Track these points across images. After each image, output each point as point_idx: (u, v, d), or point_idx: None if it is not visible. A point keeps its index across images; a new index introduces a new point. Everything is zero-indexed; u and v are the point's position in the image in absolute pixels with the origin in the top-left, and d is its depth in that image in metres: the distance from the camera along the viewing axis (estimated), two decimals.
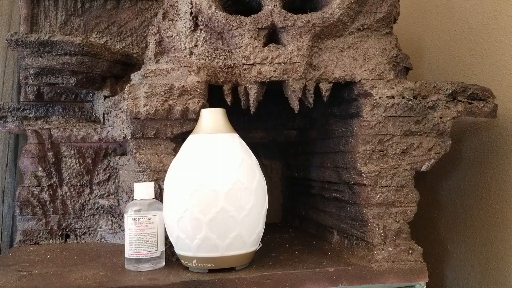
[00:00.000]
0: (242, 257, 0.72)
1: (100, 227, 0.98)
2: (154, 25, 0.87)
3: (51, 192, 0.97)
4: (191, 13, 0.81)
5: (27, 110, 0.99)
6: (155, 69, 0.77)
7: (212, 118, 0.74)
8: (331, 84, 0.80)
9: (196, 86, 0.76)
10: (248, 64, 0.78)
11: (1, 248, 1.07)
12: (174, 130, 0.78)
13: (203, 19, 0.80)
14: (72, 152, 0.97)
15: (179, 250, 0.73)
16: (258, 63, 0.77)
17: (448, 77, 1.04)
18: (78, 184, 0.98)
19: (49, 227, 0.96)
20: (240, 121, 0.98)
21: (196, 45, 0.82)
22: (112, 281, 0.68)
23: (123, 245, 0.76)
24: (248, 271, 0.72)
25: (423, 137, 0.80)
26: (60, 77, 0.92)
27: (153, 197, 0.76)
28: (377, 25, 0.82)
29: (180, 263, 0.74)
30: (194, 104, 0.76)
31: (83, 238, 0.98)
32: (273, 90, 0.82)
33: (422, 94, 0.79)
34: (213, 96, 0.79)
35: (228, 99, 0.80)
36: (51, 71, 0.91)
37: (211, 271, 0.71)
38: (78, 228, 0.98)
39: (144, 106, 0.75)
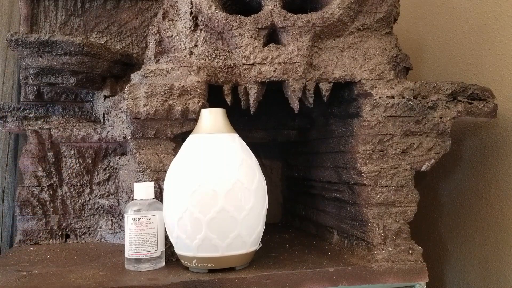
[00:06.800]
0: (242, 257, 0.72)
1: (100, 227, 0.98)
2: (154, 25, 0.87)
3: (51, 192, 0.97)
4: (191, 13, 0.81)
5: (27, 110, 0.99)
6: (155, 69, 0.77)
7: (212, 118, 0.74)
8: (331, 84, 0.80)
9: (196, 86, 0.76)
10: (248, 64, 0.78)
11: (1, 248, 1.07)
12: (174, 130, 0.78)
13: (203, 19, 0.80)
14: (72, 152, 0.97)
15: (179, 250, 0.73)
16: (258, 63, 0.77)
17: (448, 77, 1.04)
18: (78, 184, 0.98)
19: (49, 227, 0.96)
20: (240, 121, 0.98)
21: (196, 45, 0.82)
22: (112, 281, 0.68)
23: (123, 245, 0.76)
24: (248, 271, 0.72)
25: (423, 137, 0.80)
26: (60, 77, 0.92)
27: (153, 197, 0.76)
28: (377, 25, 0.82)
29: (180, 263, 0.74)
30: (194, 104, 0.76)
31: (83, 238, 0.98)
32: (273, 90, 0.82)
33: (422, 94, 0.79)
34: (213, 96, 0.79)
35: (228, 99, 0.80)
36: (51, 71, 0.91)
37: (211, 271, 0.71)
38: (78, 228, 0.98)
39: (144, 106, 0.75)
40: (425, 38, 1.13)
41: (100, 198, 0.98)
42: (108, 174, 0.99)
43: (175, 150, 0.78)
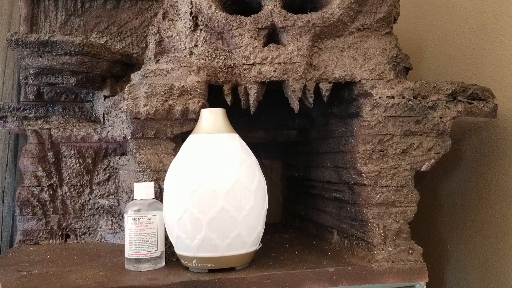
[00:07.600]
0: (242, 257, 0.72)
1: (100, 227, 0.98)
2: (154, 25, 0.87)
3: (51, 192, 0.97)
4: (191, 13, 0.81)
5: (27, 110, 0.99)
6: (155, 69, 0.77)
7: (212, 118, 0.74)
8: (331, 84, 0.80)
9: (196, 86, 0.76)
10: (248, 64, 0.78)
11: (1, 248, 1.07)
12: (174, 130, 0.78)
13: (203, 19, 0.80)
14: (72, 152, 0.97)
15: (179, 250, 0.73)
16: (258, 63, 0.77)
17: (448, 77, 1.04)
18: (78, 184, 0.98)
19: (49, 227, 0.96)
20: (240, 121, 0.98)
21: (196, 45, 0.82)
22: (112, 281, 0.68)
23: (123, 245, 0.76)
24: (248, 271, 0.72)
25: (423, 137, 0.80)
26: (60, 77, 0.92)
27: (153, 197, 0.76)
28: (377, 25, 0.82)
29: (180, 263, 0.74)
30: (194, 104, 0.76)
31: (83, 238, 0.98)
32: (273, 90, 0.82)
33: (422, 94, 0.79)
34: (213, 96, 0.79)
35: (228, 99, 0.80)
36: (51, 71, 0.91)
37: (211, 271, 0.71)
38: (78, 228, 0.98)
39: (144, 106, 0.75)
40: (425, 38, 1.13)
41: (100, 198, 0.98)
42: (108, 174, 0.99)
43: (175, 150, 0.78)
